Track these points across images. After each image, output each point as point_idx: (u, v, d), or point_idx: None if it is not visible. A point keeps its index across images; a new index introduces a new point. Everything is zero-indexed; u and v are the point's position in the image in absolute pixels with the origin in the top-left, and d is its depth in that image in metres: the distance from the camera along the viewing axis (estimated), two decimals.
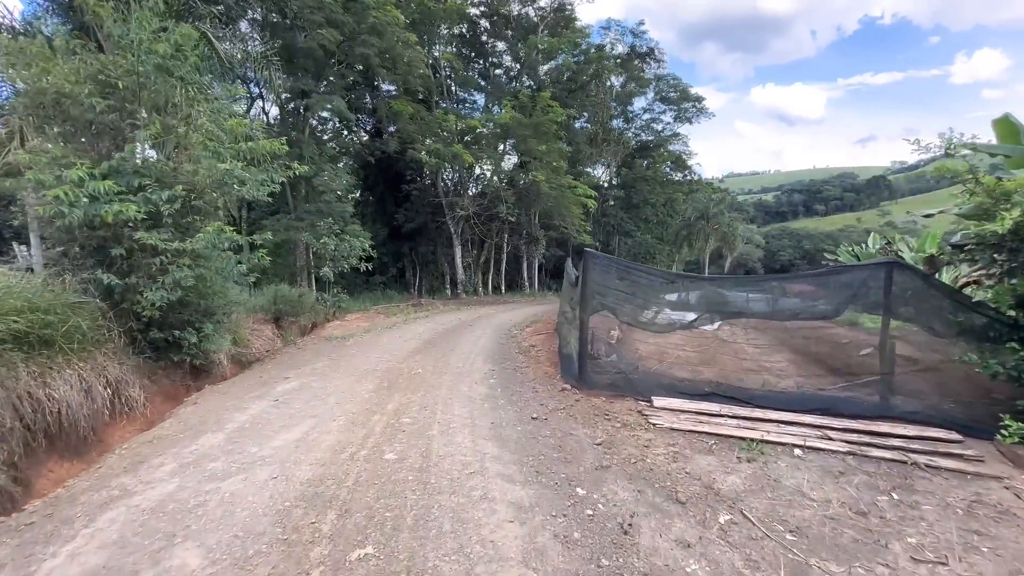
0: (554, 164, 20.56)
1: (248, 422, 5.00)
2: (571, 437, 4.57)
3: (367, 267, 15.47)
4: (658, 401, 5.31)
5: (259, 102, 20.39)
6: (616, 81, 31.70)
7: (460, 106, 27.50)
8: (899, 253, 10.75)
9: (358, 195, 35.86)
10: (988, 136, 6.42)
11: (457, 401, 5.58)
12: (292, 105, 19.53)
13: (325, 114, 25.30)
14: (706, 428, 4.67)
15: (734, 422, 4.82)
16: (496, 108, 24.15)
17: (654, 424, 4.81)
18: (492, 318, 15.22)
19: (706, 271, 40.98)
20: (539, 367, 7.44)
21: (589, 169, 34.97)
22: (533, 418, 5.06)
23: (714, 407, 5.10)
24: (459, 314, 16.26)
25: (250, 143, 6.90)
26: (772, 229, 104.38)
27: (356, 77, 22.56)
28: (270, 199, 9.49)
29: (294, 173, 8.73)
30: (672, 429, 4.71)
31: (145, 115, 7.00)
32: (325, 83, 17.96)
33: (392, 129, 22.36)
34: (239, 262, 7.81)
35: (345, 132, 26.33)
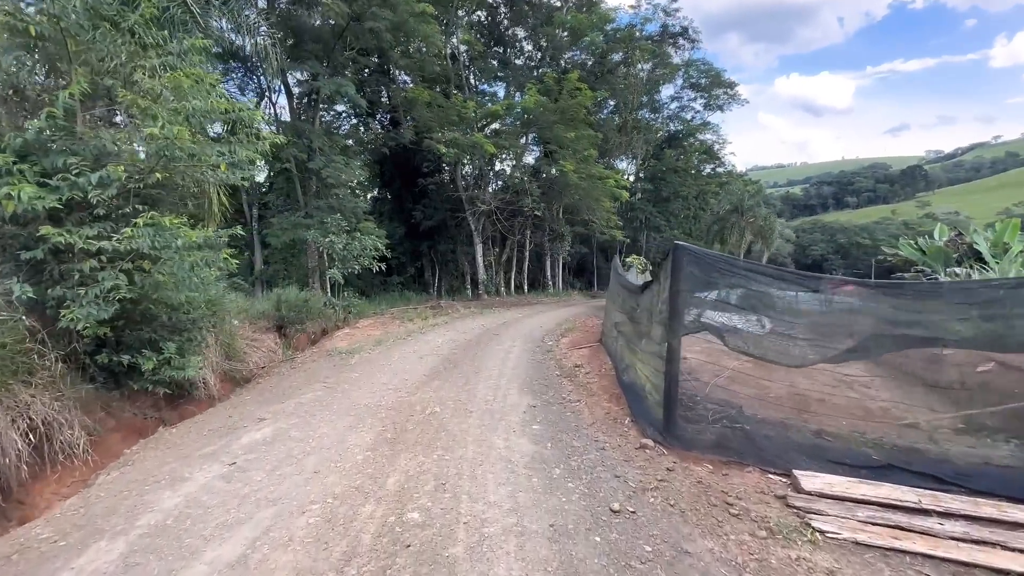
0: (584, 152, 18.54)
1: (174, 514, 3.23)
2: (686, 560, 2.67)
3: (381, 267, 13.80)
4: (805, 478, 3.34)
5: (270, 97, 18.91)
6: (644, 67, 29.37)
7: (480, 98, 25.70)
8: (975, 245, 8.73)
9: (375, 192, 34.57)
10: None
11: (491, 472, 3.72)
12: (299, 91, 18.00)
13: (340, 108, 23.95)
14: (920, 546, 2.71)
15: (960, 527, 2.84)
16: (517, 96, 22.26)
17: (821, 531, 2.87)
18: (519, 324, 13.36)
19: None
20: (595, 402, 5.54)
21: (616, 161, 32.76)
22: (614, 511, 3.16)
23: (905, 494, 3.13)
24: (482, 319, 14.46)
25: (196, 102, 5.12)
26: (803, 223, 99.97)
27: (370, 66, 20.94)
28: (266, 190, 7.82)
29: (284, 153, 6.92)
30: (857, 544, 2.77)
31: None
32: (334, 68, 16.32)
33: (408, 120, 20.65)
34: (205, 264, 6.10)
35: (360, 127, 24.79)
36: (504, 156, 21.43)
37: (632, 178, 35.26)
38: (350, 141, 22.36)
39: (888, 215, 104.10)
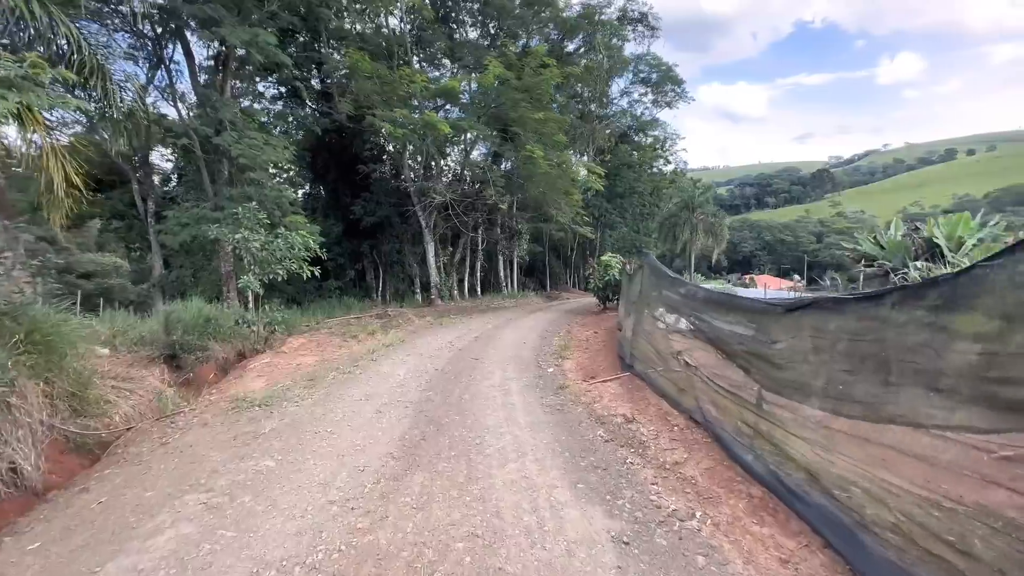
0: (553, 137, 16.07)
1: None
2: None
3: (314, 272, 10.54)
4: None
5: (167, 65, 14.75)
6: (604, 56, 27.51)
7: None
8: (935, 239, 8.04)
9: (307, 188, 30.39)
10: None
11: None
12: (205, 55, 14.17)
13: (266, 90, 19.88)
14: None
15: None
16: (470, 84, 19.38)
17: None
18: (494, 339, 10.62)
19: (691, 267, 37.84)
20: (731, 518, 2.98)
21: (572, 155, 30.75)
22: None
23: None
24: (444, 333, 11.56)
25: None
26: (732, 221, 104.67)
27: (295, 26, 17.26)
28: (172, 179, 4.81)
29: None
30: None
31: None
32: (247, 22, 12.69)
33: (346, 95, 17.20)
34: None
35: (285, 99, 20.84)
36: (460, 140, 18.51)
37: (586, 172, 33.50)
38: (270, 110, 18.47)
39: (803, 214, 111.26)
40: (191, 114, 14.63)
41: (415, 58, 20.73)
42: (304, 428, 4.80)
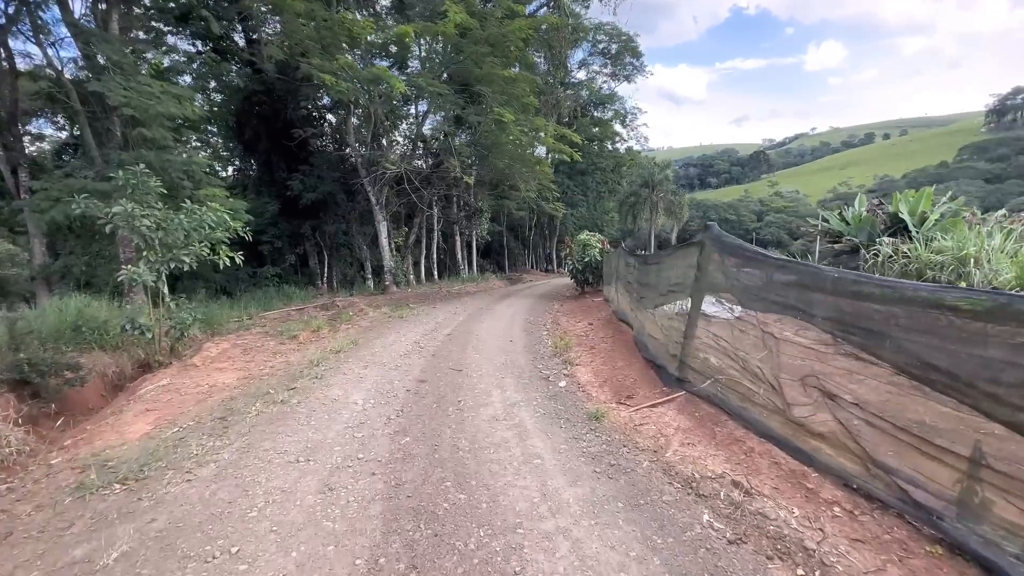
0: (523, 99, 13.90)
1: None
2: None
3: (234, 258, 7.96)
4: None
5: None
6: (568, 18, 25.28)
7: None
8: (900, 214, 7.90)
9: (238, 163, 26.59)
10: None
11: None
12: None
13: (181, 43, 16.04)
14: None
15: None
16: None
17: None
18: (472, 335, 8.59)
19: (651, 244, 37.12)
20: None
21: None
22: None
23: None
24: (408, 329, 9.38)
25: None
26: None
27: None
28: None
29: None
30: None
31: None
32: None
33: (273, 37, 14.15)
34: None
35: (200, 55, 17.22)
36: (413, 106, 15.93)
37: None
38: (185, 71, 15.07)
39: (743, 194, 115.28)
40: (62, 56, 11.24)
41: (358, 15, 17.69)
42: (187, 545, 2.63)
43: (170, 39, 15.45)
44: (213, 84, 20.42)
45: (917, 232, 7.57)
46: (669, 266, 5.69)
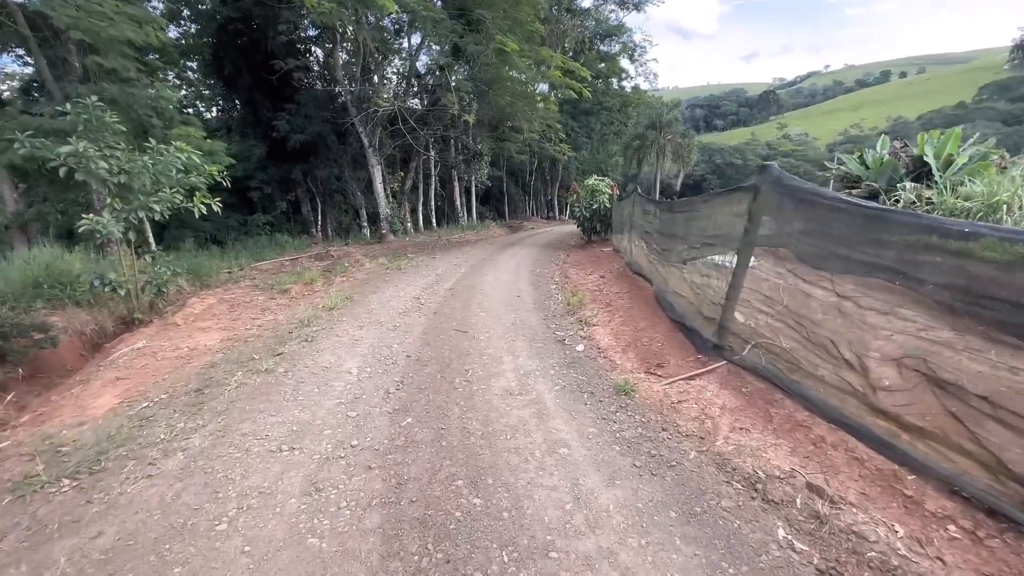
0: (529, 25, 12.43)
1: None
2: None
3: (211, 205, 7.12)
4: None
5: None
6: None
7: None
8: (925, 157, 7.15)
9: (220, 103, 24.92)
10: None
11: None
12: None
13: None
14: None
15: None
16: None
17: None
18: (476, 290, 7.94)
19: (657, 190, 35.77)
20: None
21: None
22: None
23: None
24: (406, 282, 8.72)
25: None
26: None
27: None
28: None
29: None
30: None
31: None
32: None
33: None
34: None
35: None
36: (410, 32, 14.37)
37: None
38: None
39: (751, 136, 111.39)
40: None
41: None
42: (136, 568, 2.10)
43: None
44: (187, 12, 18.54)
45: (941, 177, 6.93)
46: (706, 215, 4.93)
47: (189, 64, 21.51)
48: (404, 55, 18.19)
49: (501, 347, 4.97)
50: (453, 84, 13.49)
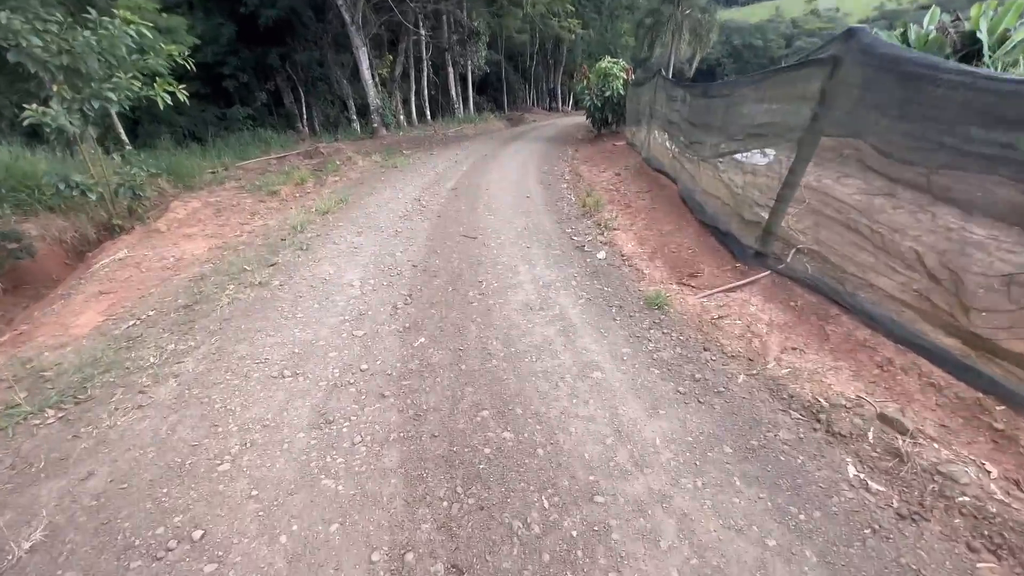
0: None
1: None
2: None
3: (180, 93, 6.18)
4: None
5: None
6: None
7: None
8: (978, 32, 5.95)
9: None
10: None
11: None
12: None
13: None
14: None
15: None
16: None
17: None
18: (481, 190, 7.30)
19: (670, 75, 32.69)
20: None
21: None
22: None
23: None
24: (404, 181, 8.00)
25: None
26: None
27: None
28: None
29: None
30: None
31: None
32: None
33: None
34: None
35: None
36: None
37: None
38: None
39: (775, 12, 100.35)
40: None
41: None
42: (131, 524, 1.87)
43: None
44: None
45: (991, 56, 5.87)
46: (754, 99, 4.17)
47: None
48: None
49: (515, 255, 4.53)
50: None
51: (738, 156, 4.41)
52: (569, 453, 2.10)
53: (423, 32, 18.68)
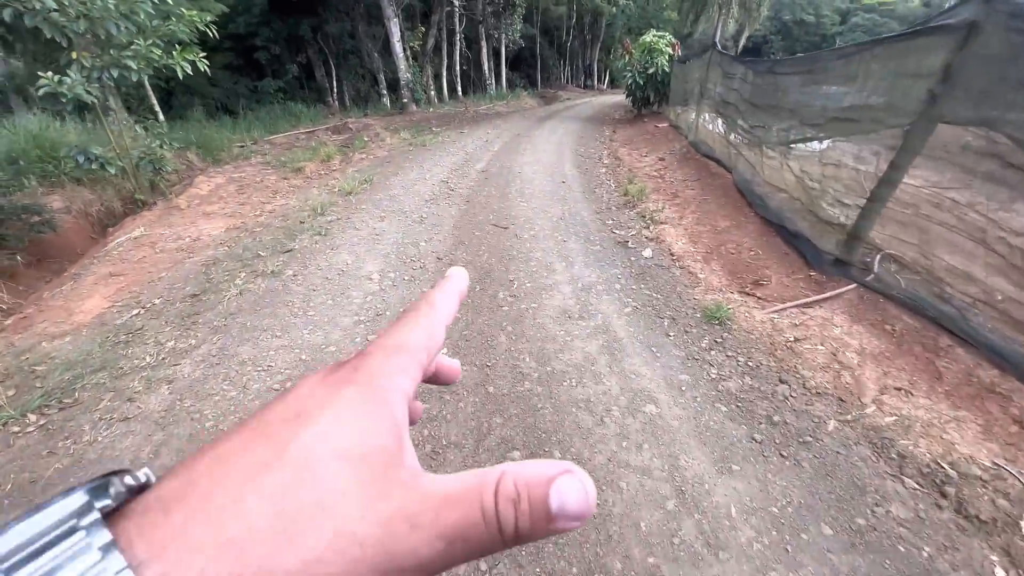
0: None
1: None
2: None
3: (200, 63, 5.85)
4: None
5: None
6: None
7: None
8: None
9: None
10: None
11: None
12: None
13: None
14: None
15: None
16: None
17: None
18: (512, 172, 6.80)
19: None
20: None
21: None
22: None
23: None
24: (432, 161, 7.56)
25: None
26: None
27: None
28: None
29: None
30: None
31: None
32: None
33: None
34: None
35: None
36: None
37: None
38: None
39: None
40: None
41: None
42: None
43: None
44: None
45: None
46: (843, 77, 3.51)
47: None
48: None
49: (550, 249, 4.06)
50: None
51: (815, 144, 3.78)
52: (621, 520, 1.68)
53: (456, 2, 17.92)
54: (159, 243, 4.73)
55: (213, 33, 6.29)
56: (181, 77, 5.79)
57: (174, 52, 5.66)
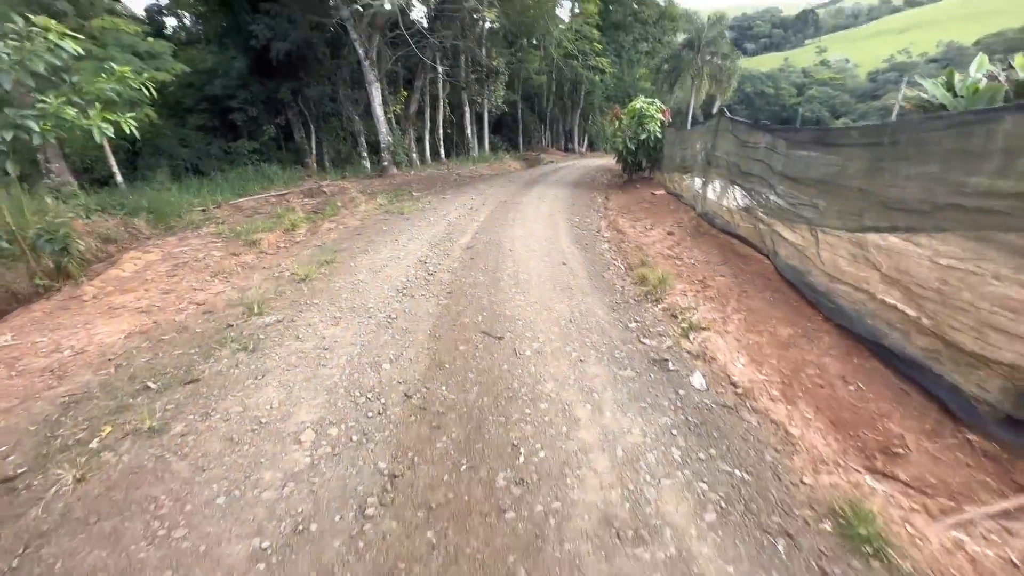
0: None
1: None
2: None
3: (127, 126, 4.81)
4: None
5: None
6: None
7: None
8: None
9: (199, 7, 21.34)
10: None
11: None
12: None
13: None
14: None
15: None
16: None
17: None
18: (503, 252, 5.75)
19: (690, 121, 31.92)
20: None
21: None
22: None
23: None
24: (408, 235, 6.50)
25: None
26: None
27: None
28: None
29: None
30: None
31: None
32: None
33: None
34: None
35: None
36: None
37: None
38: None
39: (782, 62, 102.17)
40: None
41: None
42: None
43: None
44: None
45: None
46: (964, 150, 2.58)
47: None
48: None
49: (565, 377, 2.89)
50: None
51: (920, 237, 2.80)
52: None
53: (440, 69, 17.82)
54: (24, 358, 3.41)
55: (151, 92, 5.30)
56: (98, 140, 4.71)
57: (90, 112, 4.60)
